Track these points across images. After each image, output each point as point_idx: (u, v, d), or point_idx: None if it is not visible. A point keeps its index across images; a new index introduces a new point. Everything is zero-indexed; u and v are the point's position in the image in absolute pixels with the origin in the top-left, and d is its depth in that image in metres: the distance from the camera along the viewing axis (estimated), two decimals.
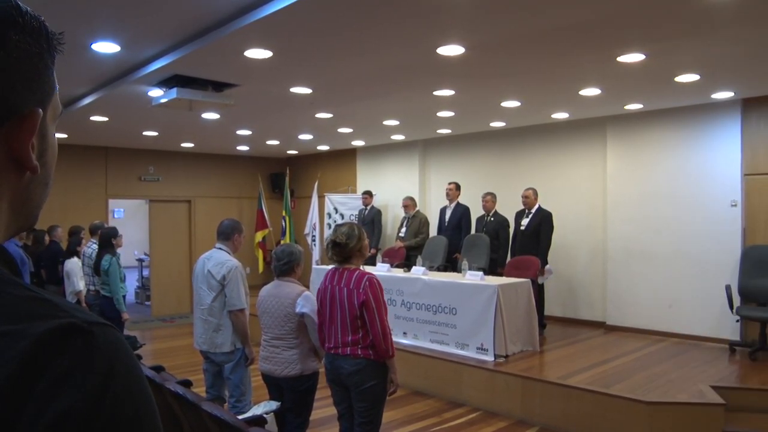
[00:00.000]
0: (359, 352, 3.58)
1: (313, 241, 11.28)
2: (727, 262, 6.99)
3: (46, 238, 8.17)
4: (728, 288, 6.45)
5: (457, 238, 8.52)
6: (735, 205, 7.05)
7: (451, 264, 8.31)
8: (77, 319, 0.54)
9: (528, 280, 6.86)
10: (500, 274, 7.53)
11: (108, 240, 6.66)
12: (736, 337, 6.87)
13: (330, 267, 3.92)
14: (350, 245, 3.67)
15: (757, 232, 6.95)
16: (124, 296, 6.77)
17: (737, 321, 6.74)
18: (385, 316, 3.60)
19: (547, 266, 7.64)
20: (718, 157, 7.20)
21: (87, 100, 6.62)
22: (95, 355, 0.53)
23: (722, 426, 4.70)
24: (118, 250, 6.79)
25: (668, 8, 3.95)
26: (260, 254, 11.99)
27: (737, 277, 6.72)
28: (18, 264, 0.65)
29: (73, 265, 7.24)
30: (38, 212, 0.70)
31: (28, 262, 6.61)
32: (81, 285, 7.20)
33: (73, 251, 7.45)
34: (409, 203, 9.41)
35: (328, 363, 3.73)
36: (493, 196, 8.34)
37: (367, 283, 3.57)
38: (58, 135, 0.72)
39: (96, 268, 6.81)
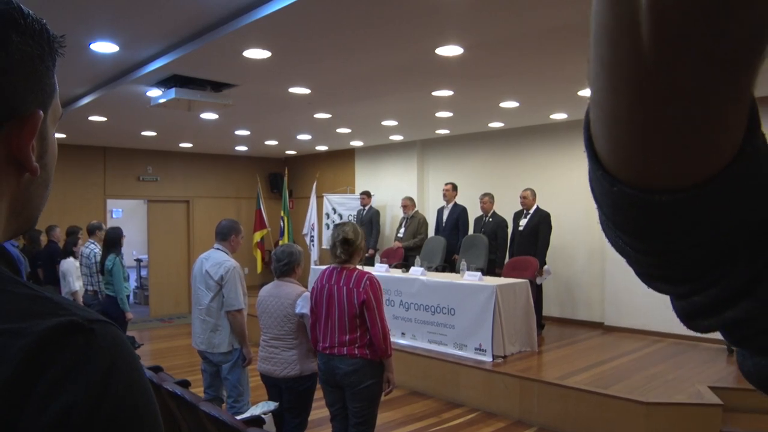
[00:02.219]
0: (356, 352, 3.58)
1: (312, 241, 11.28)
2: None
3: (43, 238, 8.17)
4: None
5: (455, 239, 8.53)
6: None
7: (449, 264, 8.32)
8: (78, 317, 0.55)
9: (526, 280, 6.86)
10: (498, 275, 7.54)
11: (117, 240, 6.66)
12: None
13: (326, 266, 3.92)
14: (356, 242, 3.71)
15: None
16: (127, 296, 6.77)
17: None
18: (384, 316, 3.62)
19: (546, 267, 7.65)
20: None
21: (85, 100, 6.62)
22: (96, 352, 0.53)
23: (720, 426, 4.70)
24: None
25: None
26: (258, 254, 11.99)
27: None
28: (17, 263, 0.65)
29: (69, 265, 7.23)
30: (38, 214, 0.71)
31: (25, 262, 6.61)
32: (77, 285, 7.19)
33: (69, 251, 7.44)
34: (407, 204, 9.40)
35: (323, 364, 3.72)
36: (491, 197, 8.34)
37: (368, 282, 3.58)
38: (56, 135, 0.72)
39: (101, 268, 6.81)
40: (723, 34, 0.32)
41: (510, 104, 7.19)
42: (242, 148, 11.71)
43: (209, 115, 7.67)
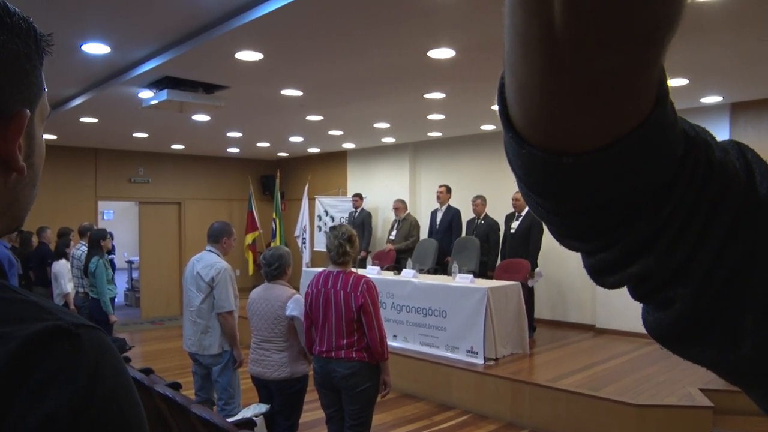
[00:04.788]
0: (354, 355, 3.59)
1: (304, 243, 11.26)
2: None
3: (34, 239, 8.11)
4: None
5: (448, 241, 8.53)
6: None
7: (441, 267, 8.32)
8: (63, 322, 0.54)
9: (518, 283, 6.87)
10: (490, 277, 7.54)
11: (97, 241, 6.63)
12: None
13: (320, 270, 3.91)
14: (356, 242, 3.75)
15: None
16: (112, 298, 6.73)
17: None
18: (381, 320, 3.64)
19: (537, 269, 7.66)
20: None
21: (77, 102, 6.58)
22: (81, 357, 0.53)
23: (710, 428, 4.73)
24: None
25: None
26: (250, 257, 11.96)
27: None
28: (5, 266, 0.65)
29: (61, 267, 7.19)
30: (25, 215, 0.70)
31: (17, 264, 6.56)
32: (69, 287, 7.15)
33: (61, 253, 7.40)
34: (399, 206, 9.40)
35: (319, 367, 3.72)
36: (483, 199, 8.35)
37: (365, 286, 3.59)
38: (47, 136, 0.72)
39: (85, 270, 6.78)
40: (636, 12, 0.33)
41: None
42: (234, 150, 11.68)
43: (201, 117, 7.65)
